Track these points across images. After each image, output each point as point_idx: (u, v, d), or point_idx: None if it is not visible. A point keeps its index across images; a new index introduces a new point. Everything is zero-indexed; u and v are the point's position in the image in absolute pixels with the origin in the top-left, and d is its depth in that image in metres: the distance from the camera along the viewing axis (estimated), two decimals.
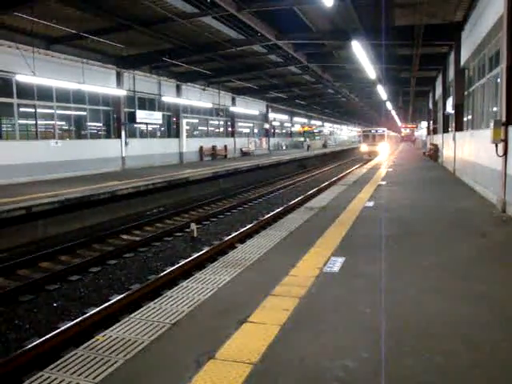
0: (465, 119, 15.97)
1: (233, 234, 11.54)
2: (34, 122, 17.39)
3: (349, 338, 3.29)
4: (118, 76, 21.44)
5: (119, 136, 21.94)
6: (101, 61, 20.02)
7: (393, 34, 16.13)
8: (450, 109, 18.00)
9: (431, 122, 31.60)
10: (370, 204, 9.44)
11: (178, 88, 26.74)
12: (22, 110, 16.79)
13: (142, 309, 3.92)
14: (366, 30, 15.33)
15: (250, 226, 12.32)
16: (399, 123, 71.67)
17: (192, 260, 9.25)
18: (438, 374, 2.78)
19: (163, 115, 25.39)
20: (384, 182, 13.54)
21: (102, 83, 19.93)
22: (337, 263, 5.10)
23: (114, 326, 3.56)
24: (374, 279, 4.61)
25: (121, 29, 16.00)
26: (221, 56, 21.39)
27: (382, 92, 29.46)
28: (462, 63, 15.59)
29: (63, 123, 19.18)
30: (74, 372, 2.88)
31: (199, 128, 31.31)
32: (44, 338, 5.77)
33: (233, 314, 3.69)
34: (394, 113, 53.80)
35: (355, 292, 4.23)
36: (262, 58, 22.91)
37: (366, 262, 5.25)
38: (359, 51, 15.27)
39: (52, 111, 18.23)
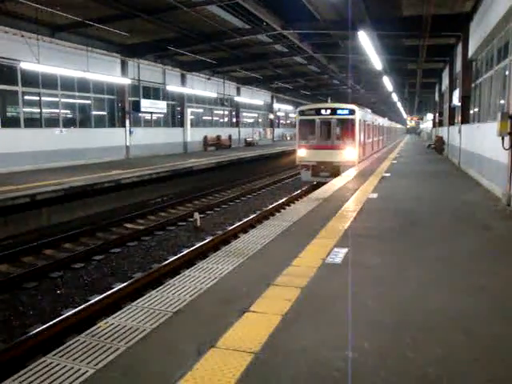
0: (471, 112, 15.85)
1: (236, 224, 11.56)
2: (38, 110, 17.38)
3: (350, 329, 3.29)
4: (123, 64, 21.37)
5: (123, 125, 21.92)
6: (105, 49, 19.95)
7: (400, 25, 15.99)
8: (456, 101, 17.86)
9: (437, 114, 31.40)
10: (374, 196, 9.41)
11: (183, 77, 26.65)
12: (26, 98, 16.78)
13: (144, 297, 3.93)
14: (372, 20, 15.16)
15: (253, 216, 12.34)
16: (405, 115, 71.28)
17: (195, 249, 9.28)
18: (438, 366, 2.78)
19: (168, 104, 25.32)
20: (388, 174, 13.49)
21: (107, 72, 19.88)
22: (339, 254, 5.09)
23: (117, 314, 3.57)
24: (377, 271, 4.61)
25: (126, 17, 15.92)
26: (226, 45, 21.26)
27: (387, 83, 29.27)
28: (469, 55, 15.43)
29: (68, 111, 19.17)
30: (76, 358, 2.89)
31: (204, 118, 31.24)
32: (47, 325, 5.82)
33: (235, 304, 3.70)
34: (399, 104, 53.47)
35: (357, 283, 4.22)
36: (268, 47, 22.76)
37: (369, 253, 5.24)
38: (365, 42, 15.14)
39: (57, 99, 18.21)
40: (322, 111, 17.38)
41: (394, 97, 41.55)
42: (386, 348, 3.01)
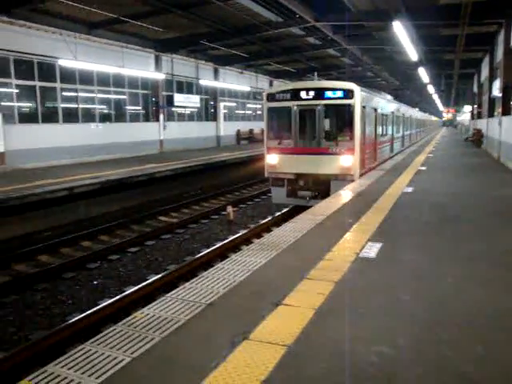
0: None
1: (269, 218, 11.57)
2: (75, 106, 17.82)
3: (385, 324, 3.24)
4: (157, 60, 21.62)
5: (157, 119, 22.23)
6: (140, 45, 20.23)
7: (437, 14, 15.52)
8: (496, 92, 17.27)
9: (475, 106, 30.46)
10: (409, 190, 9.23)
11: (216, 71, 26.76)
12: (64, 94, 17.22)
13: (178, 288, 3.98)
14: (408, 10, 14.81)
15: (286, 210, 12.31)
16: (441, 107, 69.47)
17: (228, 242, 9.35)
18: (477, 365, 2.71)
19: (201, 98, 25.50)
20: (424, 168, 13.19)
21: (141, 67, 20.17)
22: (374, 248, 5.02)
23: (152, 305, 3.64)
24: (412, 266, 4.52)
25: (159, 12, 16.09)
26: (258, 39, 21.20)
27: (423, 75, 28.56)
28: None
29: (103, 107, 19.57)
30: (113, 346, 2.96)
31: (236, 111, 31.31)
32: (85, 314, 5.99)
33: (268, 297, 3.70)
34: (435, 97, 52.15)
35: (392, 278, 4.16)
36: (300, 40, 22.57)
37: (404, 248, 5.16)
38: (401, 32, 14.79)
39: (93, 95, 18.62)
40: (302, 94, 11.15)
41: (430, 89, 40.49)
42: (422, 344, 2.95)
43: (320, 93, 11.03)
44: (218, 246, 9.10)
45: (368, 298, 3.69)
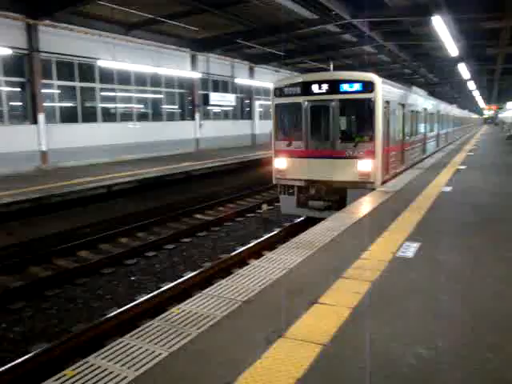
0: None
1: (303, 217, 11.52)
2: (114, 105, 18.23)
3: (423, 325, 3.18)
4: (193, 59, 21.87)
5: (193, 118, 22.48)
6: (176, 44, 20.48)
7: (479, 6, 14.99)
8: None
9: None
10: (448, 189, 9.00)
11: (251, 70, 26.83)
12: (103, 93, 17.64)
13: (214, 286, 4.03)
14: (448, 4, 14.39)
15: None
16: (482, 104, 67.40)
17: (263, 240, 9.38)
18: None
19: (236, 97, 25.62)
20: (463, 167, 12.83)
21: (178, 66, 20.43)
22: (411, 248, 4.93)
23: (188, 301, 3.69)
24: (451, 266, 4.42)
25: (195, 12, 16.25)
26: (294, 37, 21.12)
27: (463, 71, 27.77)
28: None
29: (141, 106, 19.93)
30: (151, 341, 3.03)
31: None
32: (123, 309, 6.13)
33: (303, 295, 3.69)
34: (476, 93, 50.60)
35: (430, 278, 4.07)
36: (336, 37, 22.34)
37: (443, 248, 5.04)
38: (440, 27, 14.43)
39: (130, 94, 19.01)
40: (314, 87, 9.84)
41: (470, 85, 39.29)
42: (462, 347, 2.88)
43: (334, 86, 9.61)
44: (253, 244, 9.14)
45: (405, 298, 3.63)
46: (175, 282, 7.11)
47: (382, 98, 9.52)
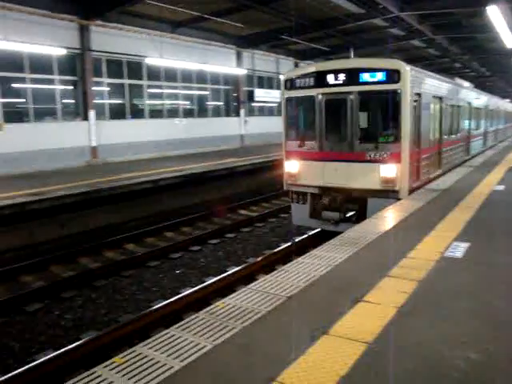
0: None
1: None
2: (160, 102, 18.62)
3: (472, 328, 3.08)
4: (238, 55, 22.00)
5: (238, 114, 22.63)
6: (222, 41, 20.66)
7: None
8: None
9: None
10: (500, 188, 8.64)
11: (296, 66, 26.68)
12: (150, 90, 18.05)
13: (258, 281, 4.05)
14: None
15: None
16: None
17: (307, 237, 9.35)
18: None
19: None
20: None
21: (223, 63, 20.61)
22: (460, 248, 4.78)
23: (233, 295, 3.73)
24: (503, 268, 4.24)
25: (241, 9, 16.34)
26: (339, 32, 20.85)
27: None
28: None
29: (187, 102, 20.26)
30: (196, 333, 3.08)
31: None
32: (168, 301, 6.27)
33: (348, 292, 3.66)
34: None
35: (481, 280, 3.93)
36: (383, 32, 21.89)
37: (494, 249, 4.84)
38: (496, 17, 13.77)
39: (177, 91, 19.35)
40: (329, 78, 8.47)
41: None
42: None
43: (353, 76, 8.20)
44: (296, 240, 9.12)
45: (454, 300, 3.53)
46: (219, 277, 7.20)
47: (411, 90, 8.08)
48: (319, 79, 8.55)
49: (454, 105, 12.13)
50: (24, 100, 13.77)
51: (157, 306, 6.13)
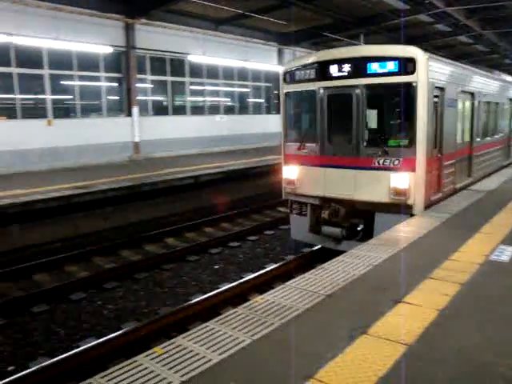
0: None
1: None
2: (202, 99, 18.83)
3: None
4: (279, 53, 21.95)
5: (279, 111, 22.57)
6: (263, 39, 20.67)
7: None
8: None
9: None
10: None
11: None
12: (192, 87, 18.28)
13: (297, 278, 4.06)
14: None
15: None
16: None
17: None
18: None
19: None
20: None
21: (264, 60, 20.62)
22: (507, 252, 4.62)
23: (272, 291, 3.76)
24: None
25: (283, 6, 16.29)
26: (383, 28, 20.45)
27: None
28: None
29: (227, 99, 20.40)
30: (235, 327, 3.13)
31: None
32: (207, 295, 6.36)
33: (388, 293, 3.61)
34: None
35: None
36: (428, 28, 21.31)
37: None
38: None
39: (218, 88, 19.52)
40: (332, 69, 7.19)
41: None
42: None
43: (359, 66, 6.86)
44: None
45: (499, 305, 3.42)
46: (257, 273, 7.24)
47: (430, 83, 6.65)
48: (321, 71, 7.32)
49: (491, 101, 10.63)
50: (71, 96, 14.24)
51: (195, 300, 6.23)
